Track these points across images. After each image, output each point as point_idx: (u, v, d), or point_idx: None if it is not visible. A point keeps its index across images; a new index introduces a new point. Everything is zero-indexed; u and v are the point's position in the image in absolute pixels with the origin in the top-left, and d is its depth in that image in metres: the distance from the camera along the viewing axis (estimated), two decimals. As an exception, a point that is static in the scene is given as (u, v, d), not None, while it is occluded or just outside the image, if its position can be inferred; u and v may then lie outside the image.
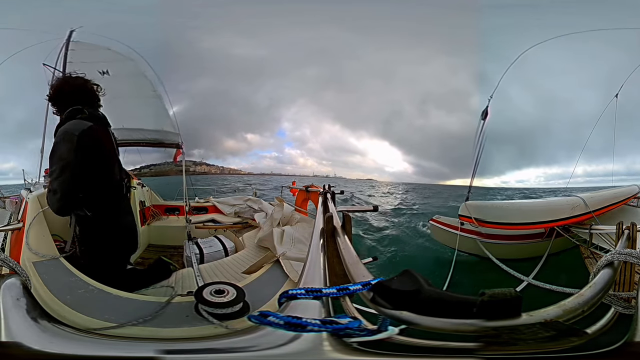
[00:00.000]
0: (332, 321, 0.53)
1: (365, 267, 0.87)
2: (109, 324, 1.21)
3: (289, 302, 0.63)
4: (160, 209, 4.76)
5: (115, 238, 1.90)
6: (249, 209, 4.41)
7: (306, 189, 4.28)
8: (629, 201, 5.51)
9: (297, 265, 1.89)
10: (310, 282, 0.82)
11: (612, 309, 0.94)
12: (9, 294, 0.69)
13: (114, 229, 1.89)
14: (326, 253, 1.12)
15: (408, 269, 0.65)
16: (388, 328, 0.56)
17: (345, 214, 1.70)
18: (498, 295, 0.50)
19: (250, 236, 3.27)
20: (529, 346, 0.50)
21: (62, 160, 1.71)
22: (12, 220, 2.95)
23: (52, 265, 1.64)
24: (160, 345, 0.65)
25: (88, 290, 1.48)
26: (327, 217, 1.41)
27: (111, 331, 1.17)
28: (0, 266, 0.91)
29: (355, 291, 0.66)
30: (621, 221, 3.08)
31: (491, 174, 25.70)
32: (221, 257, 2.91)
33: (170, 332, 1.23)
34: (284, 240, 2.46)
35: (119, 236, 1.93)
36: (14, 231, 2.17)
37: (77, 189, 1.73)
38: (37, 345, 0.59)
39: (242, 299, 1.32)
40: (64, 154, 1.71)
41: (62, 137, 1.74)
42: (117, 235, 1.91)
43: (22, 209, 2.66)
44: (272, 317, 0.53)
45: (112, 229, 1.88)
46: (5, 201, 3.96)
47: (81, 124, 1.79)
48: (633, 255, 0.92)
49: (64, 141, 1.72)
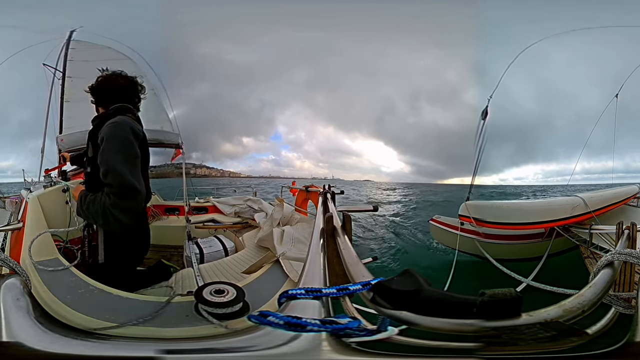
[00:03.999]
0: (332, 321, 0.53)
1: (365, 267, 0.87)
2: (109, 324, 1.21)
3: (288, 302, 0.63)
4: (160, 209, 4.76)
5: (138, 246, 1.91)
6: (249, 209, 4.41)
7: (306, 189, 4.28)
8: (629, 201, 5.51)
9: (297, 265, 1.89)
10: (310, 282, 0.82)
11: (612, 309, 0.94)
12: (9, 294, 0.69)
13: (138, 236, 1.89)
14: (326, 253, 1.12)
15: (408, 269, 0.65)
16: (388, 328, 0.56)
17: (345, 214, 1.70)
18: (498, 296, 0.50)
19: (250, 236, 3.27)
20: (529, 346, 0.50)
21: (132, 148, 1.55)
22: (12, 220, 2.95)
23: (52, 265, 1.64)
24: (160, 345, 0.65)
25: (88, 290, 1.48)
26: (327, 217, 1.40)
27: (111, 331, 1.17)
28: (0, 266, 0.91)
29: (355, 291, 0.66)
30: (621, 221, 3.08)
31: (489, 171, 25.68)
32: (221, 257, 2.91)
33: (170, 332, 1.23)
34: (284, 240, 2.46)
35: (141, 243, 1.95)
36: (14, 231, 2.17)
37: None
38: (37, 345, 0.59)
39: (242, 298, 1.32)
40: (132, 144, 1.55)
41: (126, 129, 1.56)
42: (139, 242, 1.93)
43: (22, 209, 2.66)
44: (272, 317, 0.53)
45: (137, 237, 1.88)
46: (5, 201, 3.96)
47: (136, 124, 1.69)
48: (633, 255, 0.92)
49: (131, 134, 1.57)
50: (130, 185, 1.43)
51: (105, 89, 1.83)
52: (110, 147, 1.50)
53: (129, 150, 1.54)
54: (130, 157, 1.52)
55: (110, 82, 1.84)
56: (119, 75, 1.88)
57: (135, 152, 1.57)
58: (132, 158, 1.53)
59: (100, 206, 1.45)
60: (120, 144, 1.52)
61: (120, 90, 1.83)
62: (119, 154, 1.48)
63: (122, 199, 1.42)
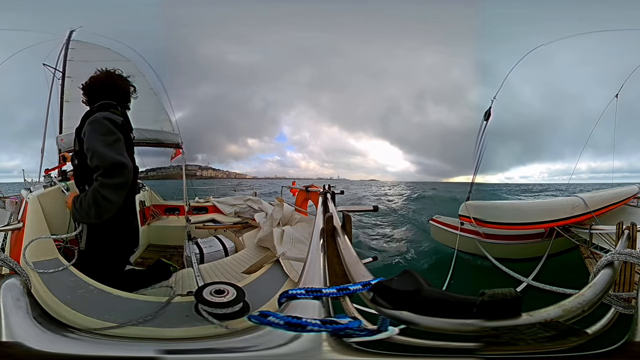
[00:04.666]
0: (332, 321, 0.53)
1: (365, 267, 0.87)
2: (109, 324, 1.21)
3: (288, 302, 0.63)
4: (160, 208, 4.77)
5: (121, 236, 1.88)
6: (249, 209, 4.41)
7: (306, 189, 4.28)
8: (629, 201, 5.51)
9: (297, 265, 1.89)
10: (310, 282, 0.82)
11: (612, 309, 0.94)
12: (9, 294, 0.69)
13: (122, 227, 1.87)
14: (326, 253, 1.12)
15: (408, 269, 0.65)
16: (388, 328, 0.56)
17: (345, 214, 1.70)
18: (498, 295, 0.50)
19: (250, 236, 3.28)
20: (529, 346, 0.50)
21: (114, 134, 1.60)
22: (12, 220, 2.95)
23: (52, 265, 1.64)
24: (160, 345, 0.65)
25: (88, 290, 1.48)
26: (327, 217, 1.40)
27: (111, 331, 1.17)
28: (0, 266, 0.91)
29: (355, 291, 0.66)
30: (621, 221, 3.08)
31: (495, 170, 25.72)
32: (221, 257, 2.91)
33: (170, 332, 1.23)
34: (284, 240, 2.46)
35: (124, 235, 1.92)
36: (14, 231, 2.17)
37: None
38: (37, 345, 0.59)
39: (242, 299, 1.32)
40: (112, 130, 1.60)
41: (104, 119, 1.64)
42: (123, 233, 1.90)
43: (22, 209, 2.66)
44: (272, 317, 0.53)
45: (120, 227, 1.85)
46: (5, 201, 3.96)
47: (114, 115, 1.75)
48: (633, 255, 0.92)
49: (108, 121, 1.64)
50: (116, 161, 1.46)
51: (91, 87, 1.92)
52: (91, 136, 1.58)
53: (109, 134, 1.59)
54: (111, 140, 1.57)
55: (95, 80, 1.92)
56: (106, 73, 1.95)
57: (117, 136, 1.61)
58: (114, 141, 1.57)
59: (90, 194, 1.46)
60: (100, 130, 1.59)
61: (104, 88, 1.90)
62: (100, 139, 1.54)
63: (110, 176, 1.43)
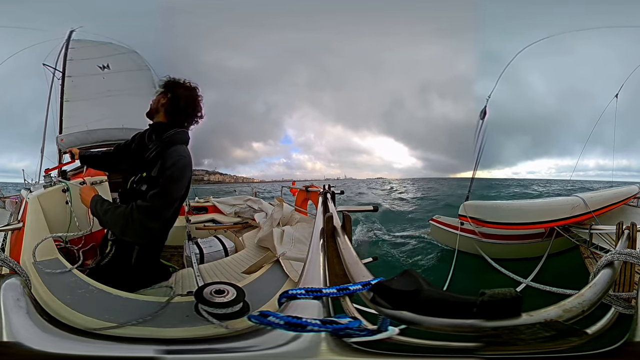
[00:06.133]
0: (332, 321, 0.53)
1: (365, 267, 0.87)
2: (109, 324, 1.21)
3: (289, 302, 0.63)
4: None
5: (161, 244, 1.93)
6: (249, 209, 4.40)
7: (306, 189, 4.28)
8: (629, 201, 5.51)
9: (297, 265, 1.89)
10: (310, 282, 0.82)
11: (612, 309, 0.94)
12: (9, 294, 0.69)
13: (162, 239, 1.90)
14: (326, 253, 1.12)
15: (408, 269, 0.65)
16: (388, 328, 0.56)
17: (345, 214, 1.70)
18: (498, 295, 0.50)
19: (250, 236, 3.27)
20: (529, 346, 0.50)
21: (182, 189, 1.65)
22: (12, 220, 2.95)
23: (52, 265, 1.64)
24: (160, 345, 0.65)
25: (88, 290, 1.48)
26: (327, 217, 1.41)
27: (111, 331, 1.17)
28: (0, 266, 0.91)
29: (355, 291, 0.66)
30: (621, 221, 3.08)
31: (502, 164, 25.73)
32: (221, 257, 2.91)
33: (170, 332, 1.23)
34: (284, 240, 2.46)
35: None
36: (14, 231, 2.17)
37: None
38: (37, 345, 0.59)
39: (242, 299, 1.32)
40: (183, 186, 1.64)
41: (186, 165, 1.63)
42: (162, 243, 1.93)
43: (22, 209, 2.66)
44: (272, 317, 0.53)
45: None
46: (5, 201, 3.96)
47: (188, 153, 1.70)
48: (633, 255, 0.92)
49: (187, 169, 1.64)
50: (164, 216, 1.57)
51: (179, 105, 1.71)
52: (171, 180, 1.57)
53: (181, 189, 1.64)
54: (177, 196, 1.63)
55: (188, 98, 1.74)
56: (194, 89, 1.78)
57: (182, 196, 1.68)
58: (178, 198, 1.65)
59: (123, 216, 1.51)
60: (178, 179, 1.60)
61: (189, 109, 1.75)
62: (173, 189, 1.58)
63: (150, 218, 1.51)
